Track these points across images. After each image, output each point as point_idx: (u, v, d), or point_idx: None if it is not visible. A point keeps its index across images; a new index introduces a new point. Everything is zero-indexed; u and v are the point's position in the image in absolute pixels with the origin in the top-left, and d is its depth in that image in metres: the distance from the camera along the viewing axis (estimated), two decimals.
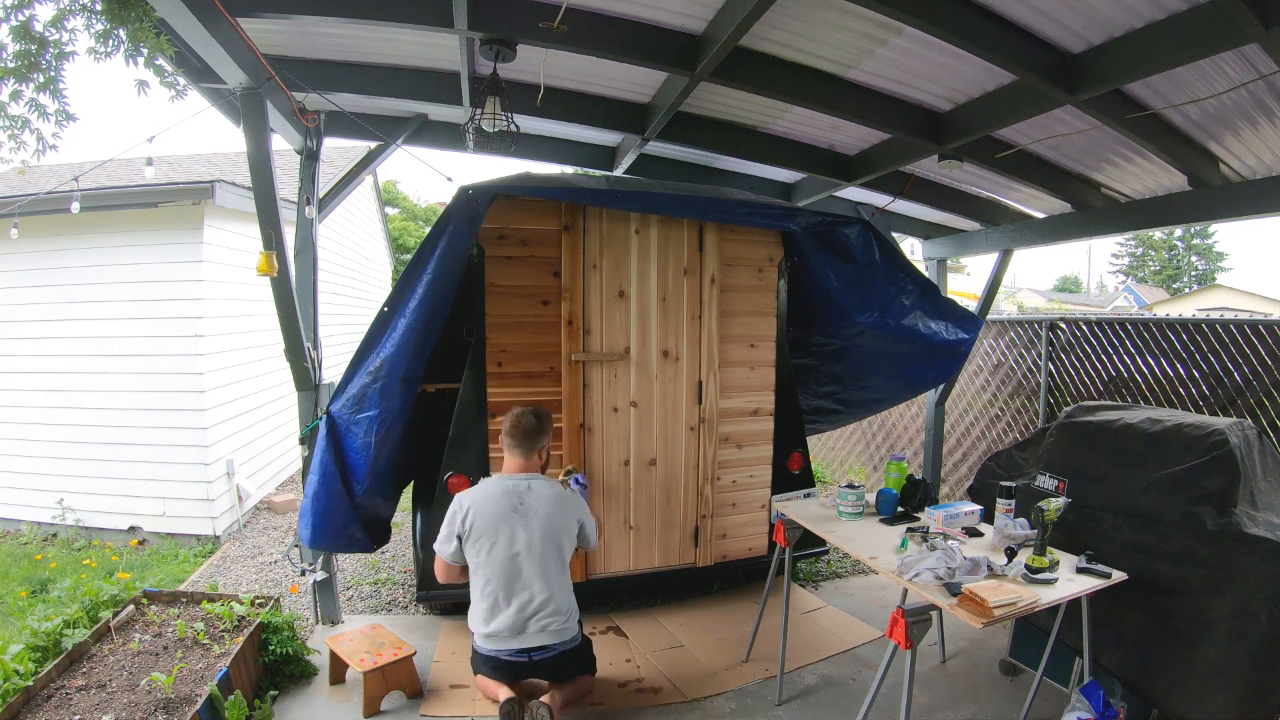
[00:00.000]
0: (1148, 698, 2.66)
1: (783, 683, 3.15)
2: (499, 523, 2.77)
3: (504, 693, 2.80)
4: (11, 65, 2.63)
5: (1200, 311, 16.35)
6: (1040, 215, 4.50)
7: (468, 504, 2.81)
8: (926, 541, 2.53)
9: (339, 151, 8.41)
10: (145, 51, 2.62)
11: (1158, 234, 35.55)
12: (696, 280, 3.84)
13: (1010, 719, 2.96)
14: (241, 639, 2.96)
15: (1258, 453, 2.77)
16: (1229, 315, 4.29)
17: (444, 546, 2.83)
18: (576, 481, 3.25)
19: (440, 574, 2.90)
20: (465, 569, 2.85)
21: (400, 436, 3.34)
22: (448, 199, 3.29)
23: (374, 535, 3.48)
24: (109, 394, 5.21)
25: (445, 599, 3.73)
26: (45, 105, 2.73)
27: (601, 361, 3.72)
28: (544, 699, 2.72)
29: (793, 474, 4.21)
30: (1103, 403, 3.57)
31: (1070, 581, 2.41)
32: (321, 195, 3.81)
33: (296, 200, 3.72)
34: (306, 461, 3.33)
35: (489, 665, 2.86)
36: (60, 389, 5.30)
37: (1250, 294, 23.78)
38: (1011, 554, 2.49)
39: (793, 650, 3.41)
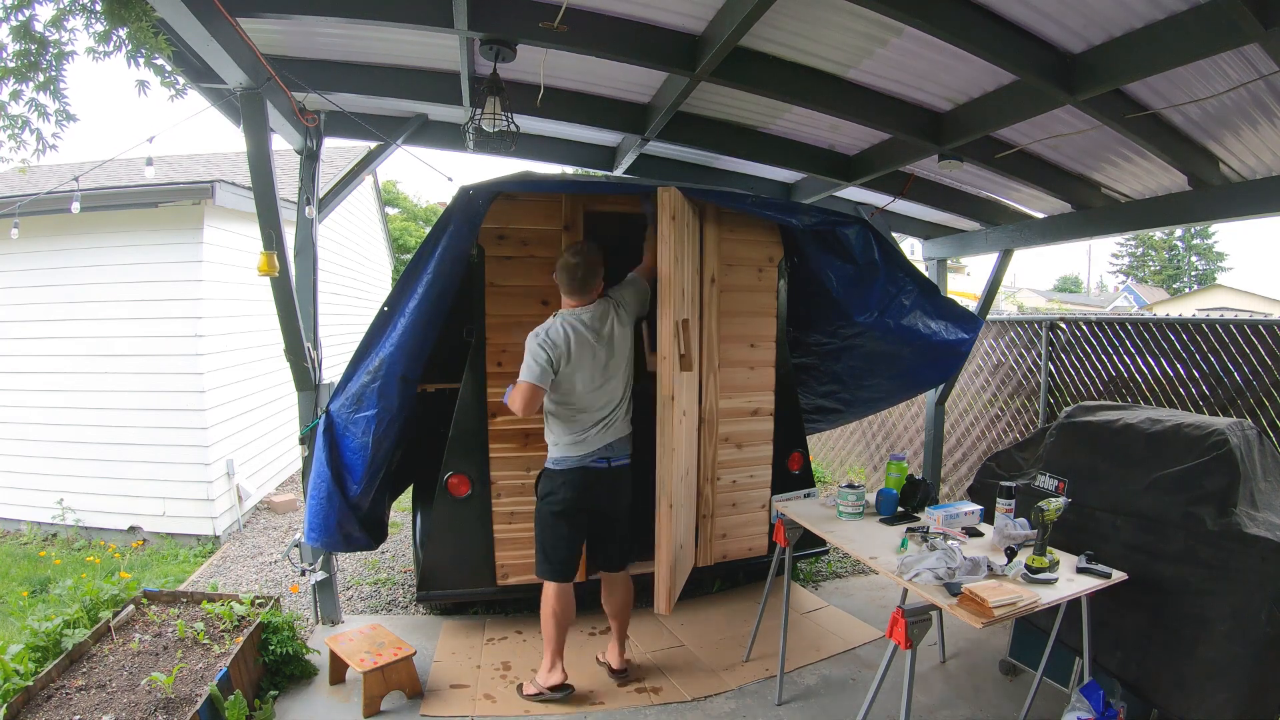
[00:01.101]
0: (1148, 698, 2.66)
1: (783, 682, 3.16)
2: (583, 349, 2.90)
3: (555, 676, 3.04)
4: (11, 65, 2.63)
5: (1200, 311, 16.34)
6: (1040, 215, 4.50)
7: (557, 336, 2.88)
8: (926, 541, 2.54)
9: (339, 151, 8.40)
10: (145, 51, 2.61)
11: (1158, 234, 35.56)
12: (696, 280, 3.83)
13: (1010, 719, 2.97)
14: (241, 639, 2.97)
15: (1258, 453, 2.77)
16: (1229, 315, 4.29)
17: (541, 378, 2.82)
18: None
19: (528, 406, 2.85)
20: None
21: (398, 436, 3.34)
22: (448, 199, 3.30)
23: (373, 534, 3.49)
24: (109, 394, 5.21)
25: (445, 599, 3.73)
26: (45, 105, 2.73)
27: None
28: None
29: (793, 474, 4.21)
30: (1103, 403, 3.57)
31: (1070, 581, 2.41)
32: (321, 195, 3.81)
33: (296, 200, 3.72)
34: (307, 461, 3.34)
35: (571, 483, 2.94)
36: (60, 389, 5.30)
37: (1250, 294, 23.78)
38: (1011, 554, 2.50)
39: (793, 650, 3.41)
